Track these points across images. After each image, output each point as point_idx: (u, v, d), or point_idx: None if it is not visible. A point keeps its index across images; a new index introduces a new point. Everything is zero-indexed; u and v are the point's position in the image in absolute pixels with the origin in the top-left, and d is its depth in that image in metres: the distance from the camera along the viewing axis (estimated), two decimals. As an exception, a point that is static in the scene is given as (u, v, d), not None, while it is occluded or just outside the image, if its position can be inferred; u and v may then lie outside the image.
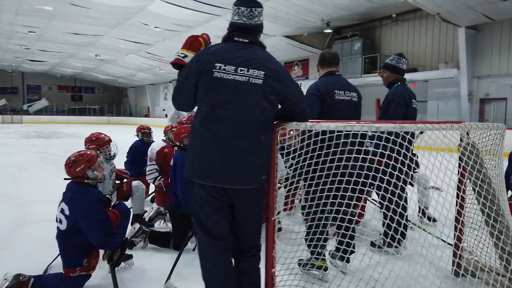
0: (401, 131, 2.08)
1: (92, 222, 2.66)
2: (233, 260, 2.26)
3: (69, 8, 16.93)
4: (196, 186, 2.09)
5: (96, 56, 28.89)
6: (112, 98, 45.83)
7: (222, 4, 15.08)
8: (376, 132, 2.08)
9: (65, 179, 2.85)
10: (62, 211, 2.74)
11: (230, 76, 2.00)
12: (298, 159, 2.58)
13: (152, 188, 5.20)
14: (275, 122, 2.21)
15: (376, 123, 2.09)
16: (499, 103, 14.45)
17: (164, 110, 32.49)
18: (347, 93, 3.13)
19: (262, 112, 2.05)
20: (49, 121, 34.24)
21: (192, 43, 2.22)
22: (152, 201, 5.30)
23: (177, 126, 4.93)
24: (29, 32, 21.80)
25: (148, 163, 4.84)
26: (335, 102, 3.05)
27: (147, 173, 4.84)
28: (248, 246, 2.24)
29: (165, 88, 37.69)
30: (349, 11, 15.76)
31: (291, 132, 3.65)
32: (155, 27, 19.49)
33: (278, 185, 2.41)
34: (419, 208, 4.56)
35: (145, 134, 5.70)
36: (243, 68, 2.01)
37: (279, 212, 2.71)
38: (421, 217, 4.53)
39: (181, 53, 2.20)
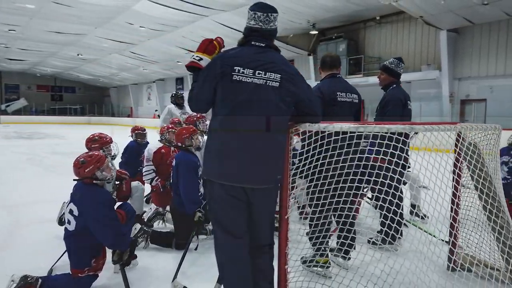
0: (411, 132, 2.18)
1: (103, 222, 2.67)
2: None
3: (52, 6, 16.54)
4: (215, 186, 2.13)
5: (78, 55, 28.31)
6: (93, 98, 44.98)
7: (208, 4, 15.05)
8: (387, 133, 2.17)
9: (74, 180, 2.85)
10: (70, 212, 2.74)
11: (248, 79, 2.05)
12: (299, 159, 2.66)
13: (147, 188, 5.19)
14: (289, 123, 2.27)
15: (386, 124, 2.18)
16: (479, 104, 14.86)
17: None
18: (348, 94, 3.23)
19: (279, 113, 2.11)
20: (28, 121, 33.33)
21: (207, 46, 2.25)
22: (147, 202, 5.29)
23: (173, 127, 4.95)
24: (9, 30, 21.16)
25: (145, 164, 4.83)
26: (338, 104, 3.15)
27: (144, 174, 4.83)
28: (262, 243, 2.30)
29: (149, 88, 37.19)
30: (334, 13, 15.94)
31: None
32: (140, 27, 19.26)
33: None
34: (411, 205, 4.72)
35: (138, 135, 5.66)
36: (260, 72, 2.07)
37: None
38: (413, 213, 4.68)
39: (196, 56, 2.23)
